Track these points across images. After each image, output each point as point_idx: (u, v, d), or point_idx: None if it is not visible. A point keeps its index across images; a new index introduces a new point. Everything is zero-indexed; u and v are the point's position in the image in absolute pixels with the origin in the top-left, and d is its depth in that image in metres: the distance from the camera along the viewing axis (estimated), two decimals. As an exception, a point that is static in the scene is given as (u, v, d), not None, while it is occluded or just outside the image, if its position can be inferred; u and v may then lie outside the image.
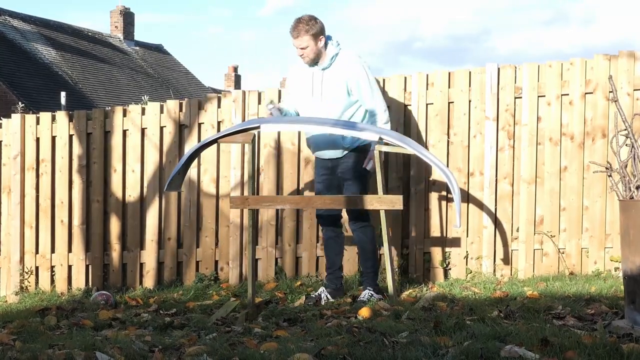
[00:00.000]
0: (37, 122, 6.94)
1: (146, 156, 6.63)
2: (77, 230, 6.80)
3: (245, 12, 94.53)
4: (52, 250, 6.89)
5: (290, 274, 6.26)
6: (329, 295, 5.31)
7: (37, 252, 6.92)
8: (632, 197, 3.74)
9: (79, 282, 6.78)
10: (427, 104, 6.06)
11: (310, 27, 5.14)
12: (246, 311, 4.74)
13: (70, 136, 6.83)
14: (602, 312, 4.19)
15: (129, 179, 6.67)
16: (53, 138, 6.88)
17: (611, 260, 5.69)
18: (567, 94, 5.83)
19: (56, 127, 6.88)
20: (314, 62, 5.23)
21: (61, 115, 6.94)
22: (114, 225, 6.70)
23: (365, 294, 5.21)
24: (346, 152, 5.23)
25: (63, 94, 19.54)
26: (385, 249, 5.04)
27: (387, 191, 5.58)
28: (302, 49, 5.17)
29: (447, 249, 6.04)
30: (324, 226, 5.49)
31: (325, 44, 5.22)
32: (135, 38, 32.23)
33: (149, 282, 6.57)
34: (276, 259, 6.33)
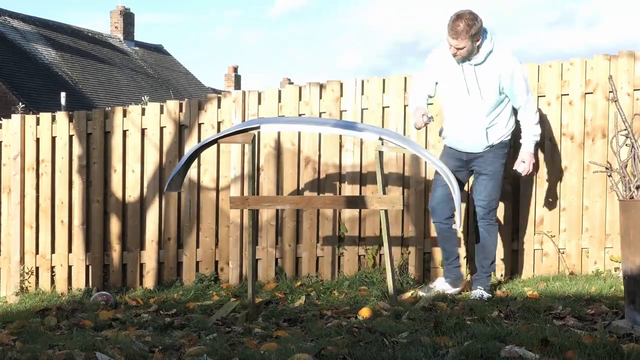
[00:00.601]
0: (37, 123, 6.94)
1: (146, 156, 6.63)
2: (77, 230, 6.80)
3: (253, 12, 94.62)
4: (52, 251, 6.89)
5: (290, 274, 6.26)
6: (449, 285, 5.24)
7: (37, 252, 6.92)
8: (632, 197, 3.74)
9: (79, 282, 6.78)
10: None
11: (471, 27, 4.85)
12: (246, 311, 4.74)
13: (70, 136, 6.83)
14: (602, 312, 4.20)
15: (129, 179, 6.67)
16: (53, 138, 6.88)
17: (611, 260, 5.69)
18: (567, 94, 5.83)
19: (56, 127, 6.88)
20: (466, 59, 5.02)
21: (61, 116, 6.94)
22: (114, 225, 6.70)
23: (476, 293, 5.02)
24: (487, 147, 5.11)
25: (63, 94, 19.55)
26: (385, 249, 5.04)
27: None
28: (458, 49, 4.93)
29: (447, 249, 6.03)
30: (436, 219, 5.25)
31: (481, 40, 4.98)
32: (136, 39, 32.24)
33: (149, 282, 6.57)
34: (276, 259, 6.33)
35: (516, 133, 5.25)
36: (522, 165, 5.16)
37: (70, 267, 6.83)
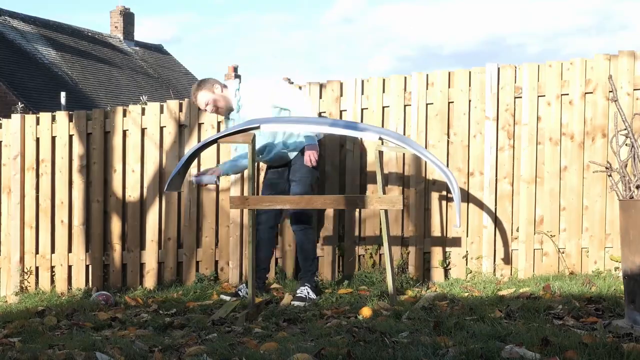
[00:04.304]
0: (37, 123, 6.94)
1: (146, 156, 6.63)
2: (77, 230, 6.80)
3: (308, 16, 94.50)
4: (52, 251, 6.89)
5: (290, 274, 6.25)
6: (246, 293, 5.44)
7: (37, 252, 6.92)
8: (632, 197, 3.74)
9: (79, 282, 6.78)
10: (427, 104, 6.06)
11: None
12: (246, 311, 4.74)
13: (70, 136, 6.83)
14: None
15: (129, 179, 6.67)
16: (53, 138, 6.88)
17: (611, 260, 5.69)
18: (567, 94, 5.83)
19: (56, 127, 6.88)
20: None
21: (61, 116, 6.94)
22: (114, 225, 6.70)
23: (303, 290, 5.39)
24: (291, 159, 5.48)
25: (63, 94, 19.56)
26: (385, 249, 5.04)
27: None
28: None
29: (447, 249, 6.04)
30: (261, 228, 5.58)
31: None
32: (136, 38, 32.23)
33: (149, 282, 6.57)
34: (276, 259, 6.33)
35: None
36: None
37: (70, 267, 6.83)
